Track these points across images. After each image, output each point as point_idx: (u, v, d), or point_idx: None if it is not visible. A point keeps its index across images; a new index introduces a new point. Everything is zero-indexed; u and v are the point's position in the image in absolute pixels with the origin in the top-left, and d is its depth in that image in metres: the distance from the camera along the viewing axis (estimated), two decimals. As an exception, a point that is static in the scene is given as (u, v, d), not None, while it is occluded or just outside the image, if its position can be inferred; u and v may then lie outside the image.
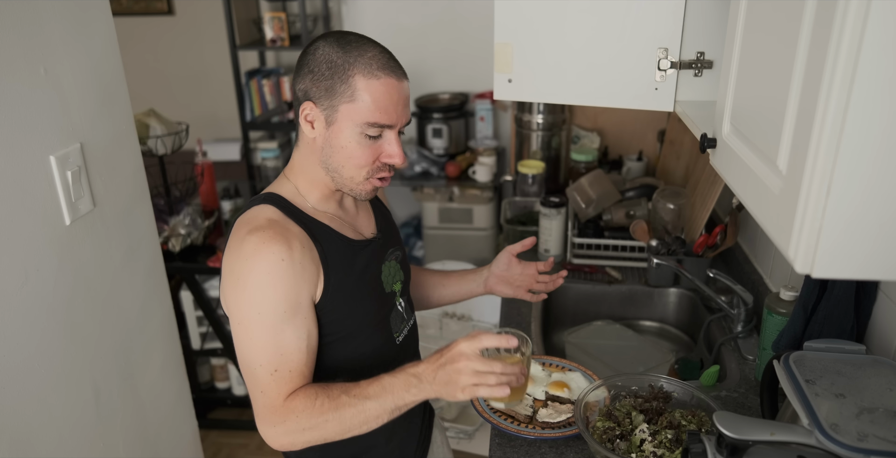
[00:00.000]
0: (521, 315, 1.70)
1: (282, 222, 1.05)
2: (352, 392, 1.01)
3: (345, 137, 1.05)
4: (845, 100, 0.62)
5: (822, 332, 1.16)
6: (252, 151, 3.41)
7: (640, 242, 1.88)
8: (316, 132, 1.07)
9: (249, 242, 1.01)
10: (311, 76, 1.04)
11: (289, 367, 1.03)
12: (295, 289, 1.02)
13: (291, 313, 1.02)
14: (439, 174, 3.16)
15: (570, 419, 1.27)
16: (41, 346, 1.21)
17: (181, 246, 2.49)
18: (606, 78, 1.33)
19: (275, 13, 3.16)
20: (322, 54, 1.03)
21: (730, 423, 0.85)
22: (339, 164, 1.07)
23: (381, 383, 1.01)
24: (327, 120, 1.05)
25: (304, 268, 1.03)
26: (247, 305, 1.02)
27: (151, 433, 1.58)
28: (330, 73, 1.02)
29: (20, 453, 1.17)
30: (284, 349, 1.02)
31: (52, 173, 1.22)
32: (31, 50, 1.17)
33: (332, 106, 1.04)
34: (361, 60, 1.02)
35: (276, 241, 1.01)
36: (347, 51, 1.03)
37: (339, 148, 1.06)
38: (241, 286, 1.02)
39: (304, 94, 1.05)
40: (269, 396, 1.02)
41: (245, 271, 1.01)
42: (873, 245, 0.67)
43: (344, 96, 1.03)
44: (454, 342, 0.99)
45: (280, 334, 1.02)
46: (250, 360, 1.03)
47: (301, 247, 1.03)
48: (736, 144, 0.92)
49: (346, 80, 1.02)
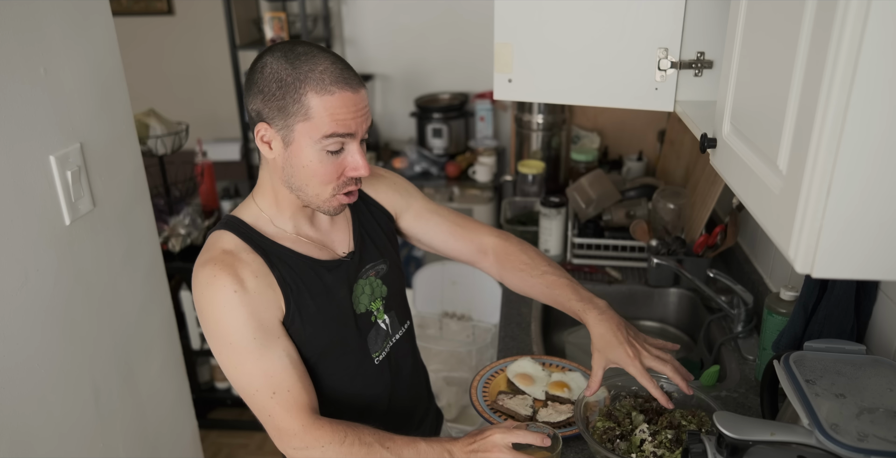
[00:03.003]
0: (522, 315, 1.70)
1: (235, 252, 1.05)
2: (386, 445, 1.01)
3: (305, 156, 1.00)
4: (845, 100, 0.62)
5: (822, 332, 1.16)
6: (252, 151, 3.40)
7: (640, 242, 1.88)
8: (274, 152, 1.02)
9: (202, 274, 1.03)
10: (262, 96, 0.98)
11: (285, 387, 1.03)
12: (256, 316, 1.02)
13: (262, 337, 1.02)
14: (439, 174, 3.16)
15: (570, 419, 1.27)
16: (41, 346, 1.21)
17: (181, 246, 2.49)
18: (606, 78, 1.33)
19: (275, 13, 3.15)
20: (270, 72, 0.97)
21: (730, 423, 0.85)
22: (302, 182, 1.03)
23: (418, 448, 1.01)
24: (284, 140, 1.00)
25: (259, 294, 1.03)
26: (216, 336, 1.03)
27: (151, 433, 1.58)
28: (281, 92, 0.97)
29: (20, 453, 1.17)
30: (271, 372, 1.02)
31: (52, 173, 1.22)
32: (30, 50, 1.17)
33: (287, 126, 0.99)
34: (313, 76, 0.96)
35: (225, 273, 1.01)
36: (296, 66, 0.96)
37: (300, 167, 1.02)
38: (204, 319, 1.03)
39: (257, 114, 1.01)
40: (278, 418, 1.02)
41: (203, 304, 1.03)
42: (873, 245, 0.67)
43: (298, 115, 0.97)
44: (489, 430, 1.01)
45: (261, 359, 1.02)
46: (245, 387, 1.03)
47: (253, 276, 1.03)
48: (736, 144, 0.92)
49: (298, 99, 0.97)
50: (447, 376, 2.60)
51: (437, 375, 2.58)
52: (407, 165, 3.16)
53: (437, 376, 2.58)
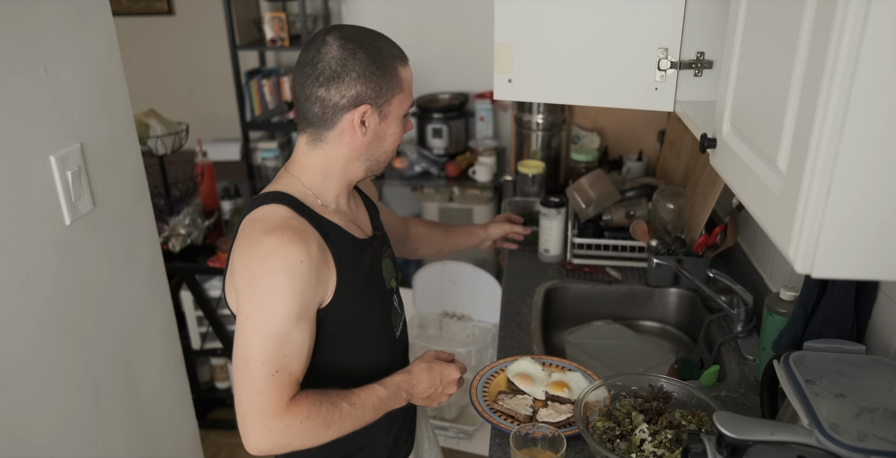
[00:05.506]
0: (521, 315, 1.70)
1: (297, 223, 1.05)
2: (352, 401, 1.06)
3: (395, 125, 1.12)
4: (845, 100, 0.62)
5: (822, 332, 1.16)
6: (252, 151, 3.41)
7: (640, 242, 1.88)
8: (368, 130, 1.09)
9: (267, 242, 1.01)
10: (363, 80, 1.05)
11: (289, 369, 1.03)
12: (309, 291, 1.03)
13: (300, 316, 1.02)
14: (439, 174, 3.16)
15: (570, 418, 1.27)
16: (41, 346, 1.21)
17: (181, 246, 2.49)
18: (606, 78, 1.33)
19: (275, 13, 3.16)
20: (364, 56, 1.05)
21: (730, 423, 0.85)
22: (384, 150, 1.13)
23: (379, 395, 1.10)
24: (381, 115, 1.09)
25: (319, 270, 1.04)
26: (260, 302, 1.01)
27: (151, 433, 1.58)
28: (381, 72, 1.06)
29: (20, 453, 1.17)
30: (288, 351, 1.02)
31: (52, 173, 1.22)
32: (31, 50, 1.17)
33: (387, 101, 1.08)
34: (395, 51, 1.09)
35: (295, 242, 1.01)
36: (376, 46, 1.06)
37: (388, 136, 1.12)
38: (256, 285, 1.01)
39: (356, 98, 1.06)
40: (267, 397, 1.01)
41: (262, 272, 1.01)
42: (873, 245, 0.67)
43: (395, 89, 1.08)
44: (437, 368, 1.19)
45: (286, 336, 1.02)
46: (251, 356, 1.01)
47: (318, 248, 1.04)
48: (736, 144, 0.92)
49: (394, 73, 1.07)
50: (447, 376, 2.60)
51: (437, 375, 2.58)
52: (407, 165, 3.16)
53: (437, 377, 2.58)
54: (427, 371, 1.17)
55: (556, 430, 1.12)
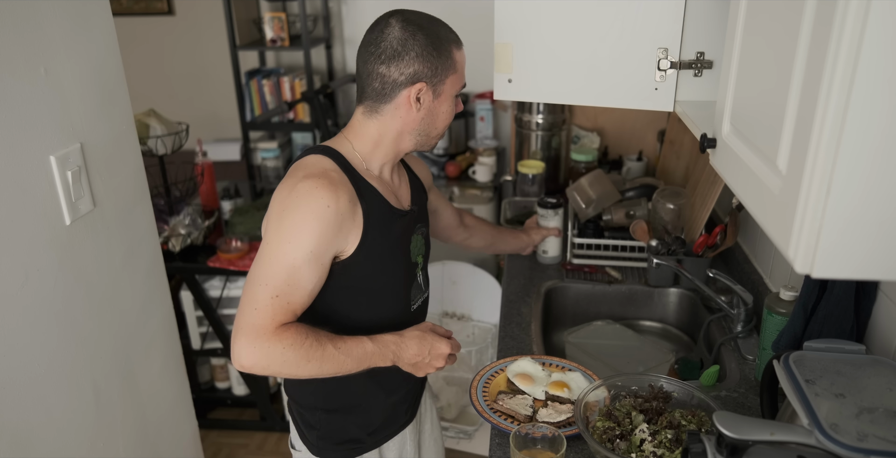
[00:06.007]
0: (521, 315, 1.70)
1: (336, 175, 1.14)
2: (337, 344, 1.13)
3: (448, 104, 1.20)
4: (845, 100, 0.62)
5: (822, 332, 1.16)
6: (252, 151, 3.41)
7: (640, 242, 1.88)
8: (422, 107, 1.17)
9: (304, 185, 1.11)
10: (421, 60, 1.13)
11: (289, 299, 1.10)
12: (328, 236, 1.11)
13: (315, 255, 1.11)
14: (439, 174, 3.16)
15: (570, 418, 1.27)
16: (41, 346, 1.21)
17: (181, 246, 2.49)
18: (606, 78, 1.33)
19: (275, 13, 3.16)
20: (423, 38, 1.13)
21: (730, 423, 0.85)
22: (434, 127, 1.21)
23: (365, 348, 1.16)
24: (434, 93, 1.17)
25: (343, 220, 1.12)
26: (283, 233, 1.10)
27: (151, 433, 1.58)
28: (437, 53, 1.14)
29: (20, 453, 1.17)
30: (294, 282, 1.10)
31: (53, 173, 1.22)
32: (31, 50, 1.17)
33: (441, 80, 1.17)
34: (451, 36, 1.18)
35: (328, 189, 1.10)
36: (435, 29, 1.15)
37: (440, 114, 1.20)
38: (283, 217, 1.11)
39: (413, 76, 1.14)
40: (260, 315, 1.09)
41: (291, 207, 1.11)
42: (873, 245, 0.67)
43: (449, 70, 1.17)
44: (428, 338, 1.23)
45: (297, 269, 1.10)
46: (259, 277, 1.10)
47: (348, 201, 1.13)
48: (736, 144, 0.92)
49: (449, 55, 1.16)
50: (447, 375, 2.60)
51: (437, 375, 2.58)
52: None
53: (437, 376, 2.58)
54: (418, 339, 1.22)
55: (556, 430, 1.12)
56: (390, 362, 1.20)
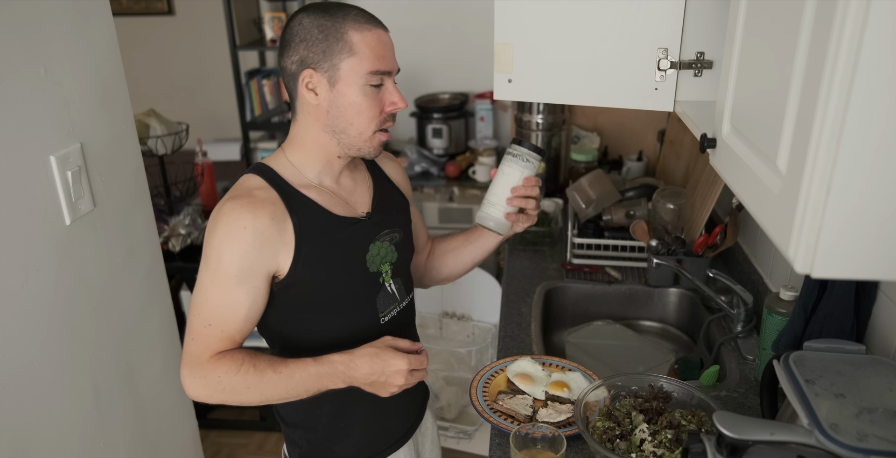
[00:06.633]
0: (521, 315, 1.70)
1: (261, 193, 1.10)
2: (278, 369, 1.08)
3: (352, 93, 1.08)
4: (845, 100, 0.62)
5: (822, 332, 1.16)
6: (252, 151, 3.40)
7: (640, 242, 1.88)
8: (320, 97, 1.09)
9: (223, 209, 1.08)
10: (305, 44, 1.07)
11: (221, 327, 1.08)
12: (251, 257, 1.07)
13: (242, 277, 1.07)
14: (439, 174, 3.16)
15: (570, 418, 1.27)
16: (41, 346, 1.21)
17: (181, 246, 2.49)
18: (606, 78, 1.33)
19: (275, 13, 3.16)
20: (309, 22, 1.07)
21: (730, 423, 0.85)
22: (347, 122, 1.10)
23: (308, 370, 1.08)
24: (330, 81, 1.08)
25: (265, 238, 1.07)
26: (207, 260, 1.08)
27: (151, 433, 1.58)
28: (323, 35, 1.06)
29: (20, 453, 1.17)
30: (224, 309, 1.08)
31: (53, 173, 1.22)
32: (31, 50, 1.17)
33: (333, 66, 1.07)
34: (349, 18, 1.07)
35: (245, 209, 1.06)
36: (332, 13, 1.07)
37: (346, 105, 1.09)
38: (206, 244, 1.09)
39: (301, 63, 1.08)
40: (196, 346, 1.09)
41: (210, 233, 1.08)
42: (873, 245, 0.67)
43: (343, 53, 1.06)
44: (385, 356, 1.08)
45: (225, 295, 1.07)
46: (193, 305, 1.10)
47: (269, 218, 1.07)
48: (736, 144, 0.92)
49: (340, 37, 1.06)
50: (447, 376, 2.60)
51: (437, 375, 2.58)
52: (407, 165, 3.16)
53: (436, 376, 2.58)
54: (370, 356, 1.08)
55: (556, 430, 1.12)
56: (343, 384, 1.10)
